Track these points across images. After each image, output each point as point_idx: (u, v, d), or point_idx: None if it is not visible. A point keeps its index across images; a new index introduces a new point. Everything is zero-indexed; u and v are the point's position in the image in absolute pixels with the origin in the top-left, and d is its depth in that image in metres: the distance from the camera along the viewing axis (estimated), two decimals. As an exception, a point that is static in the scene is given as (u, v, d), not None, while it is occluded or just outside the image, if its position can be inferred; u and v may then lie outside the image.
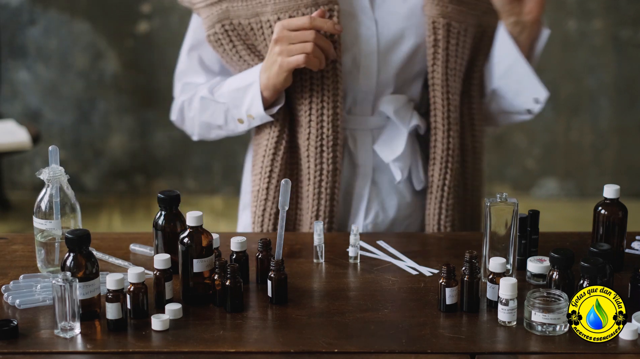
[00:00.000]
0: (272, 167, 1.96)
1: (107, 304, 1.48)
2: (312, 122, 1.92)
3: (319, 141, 1.92)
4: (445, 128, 1.94)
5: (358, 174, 1.98)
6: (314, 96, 1.91)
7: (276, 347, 1.44)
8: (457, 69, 1.94)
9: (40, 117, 4.69)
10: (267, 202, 1.97)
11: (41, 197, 1.66)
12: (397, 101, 1.93)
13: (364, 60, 1.91)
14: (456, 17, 1.91)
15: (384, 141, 1.95)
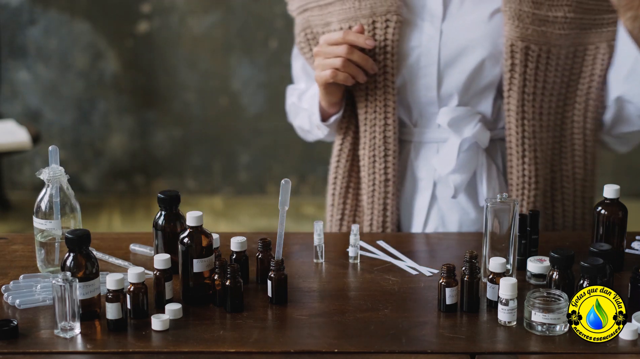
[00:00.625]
0: (336, 175, 2.02)
1: (107, 304, 1.48)
2: (367, 132, 1.94)
3: (372, 150, 1.94)
4: (519, 154, 1.89)
5: (418, 187, 1.97)
6: (369, 106, 1.93)
7: (276, 347, 1.44)
8: (538, 93, 1.88)
9: (40, 117, 4.69)
10: (333, 208, 2.03)
11: (41, 197, 1.66)
12: (456, 112, 1.89)
13: (423, 71, 1.89)
14: (536, 39, 1.85)
15: (442, 154, 1.92)
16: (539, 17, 1.85)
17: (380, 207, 1.95)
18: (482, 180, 1.93)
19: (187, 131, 4.68)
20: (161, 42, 4.60)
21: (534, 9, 1.85)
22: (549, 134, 1.93)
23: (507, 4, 1.85)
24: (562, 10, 1.86)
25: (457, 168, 1.89)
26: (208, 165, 4.74)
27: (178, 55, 4.60)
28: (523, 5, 1.84)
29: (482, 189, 1.93)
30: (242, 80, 4.57)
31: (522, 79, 1.86)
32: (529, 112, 1.88)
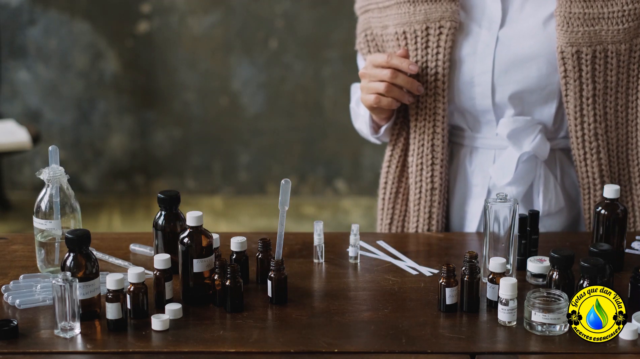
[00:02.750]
0: (387, 180, 2.02)
1: (107, 304, 1.48)
2: (416, 139, 1.93)
3: (420, 158, 1.93)
4: (581, 158, 1.87)
5: (472, 193, 1.95)
6: (419, 114, 1.92)
7: (276, 347, 1.44)
8: (599, 95, 1.85)
9: (40, 117, 4.69)
10: (382, 213, 2.03)
11: (41, 197, 1.66)
12: (516, 123, 1.86)
13: (477, 79, 1.87)
14: (588, 41, 1.80)
15: (500, 164, 1.90)
16: (592, 16, 1.80)
17: (425, 216, 1.94)
18: (538, 192, 1.91)
19: (187, 131, 4.68)
20: (161, 42, 4.60)
21: (586, 8, 1.80)
22: (618, 132, 1.89)
23: (559, 8, 1.81)
24: (618, 3, 1.80)
25: (514, 180, 1.88)
26: (208, 165, 4.74)
27: (178, 55, 4.60)
28: (573, 6, 1.80)
29: (539, 200, 1.91)
30: (242, 80, 4.57)
31: (578, 83, 1.82)
32: (589, 115, 1.85)
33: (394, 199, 2.02)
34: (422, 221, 1.94)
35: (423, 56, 1.88)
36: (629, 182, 1.92)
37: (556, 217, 1.93)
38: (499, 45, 1.85)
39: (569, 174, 1.94)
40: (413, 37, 1.88)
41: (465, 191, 1.96)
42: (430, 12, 1.86)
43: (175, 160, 4.74)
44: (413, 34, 1.88)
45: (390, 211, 2.03)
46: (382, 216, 2.04)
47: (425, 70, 1.88)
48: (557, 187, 1.91)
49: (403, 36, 1.90)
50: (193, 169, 4.74)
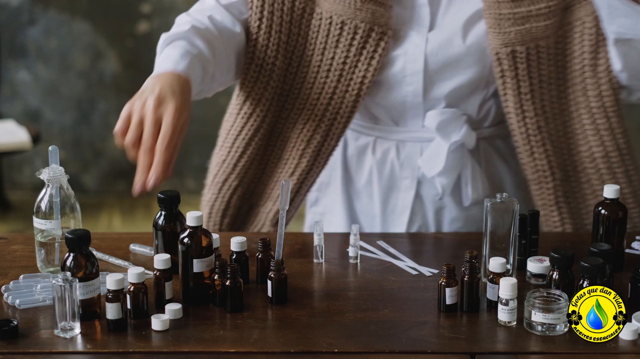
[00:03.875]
0: (245, 150, 1.94)
1: (107, 304, 1.48)
2: (320, 129, 1.90)
3: (319, 146, 1.91)
4: (528, 152, 1.88)
5: (400, 186, 1.96)
6: (332, 105, 1.88)
7: (276, 347, 1.44)
8: (535, 89, 1.86)
9: (40, 117, 4.69)
10: (230, 175, 1.96)
11: (41, 197, 1.66)
12: (443, 115, 1.88)
13: (409, 79, 1.87)
14: (521, 40, 1.82)
15: (428, 155, 1.91)
16: (521, 16, 1.82)
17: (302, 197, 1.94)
18: (467, 181, 1.93)
19: (187, 131, 4.68)
20: (161, 42, 4.60)
21: (514, 8, 1.81)
22: (556, 123, 1.91)
23: (487, 10, 1.83)
24: (543, 0, 1.83)
25: (444, 170, 1.90)
26: (208, 165, 4.74)
27: (178, 55, 4.60)
28: (502, 7, 1.81)
29: (467, 190, 1.93)
30: (242, 80, 4.58)
31: (515, 81, 1.85)
32: (530, 110, 1.87)
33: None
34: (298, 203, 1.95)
35: (355, 55, 1.85)
36: (575, 170, 1.93)
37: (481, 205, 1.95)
38: (429, 46, 1.85)
39: (492, 163, 1.97)
40: (351, 33, 1.84)
41: (392, 185, 1.97)
42: (377, 14, 1.83)
43: (175, 160, 4.74)
44: (352, 30, 1.84)
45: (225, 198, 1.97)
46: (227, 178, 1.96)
47: (352, 69, 1.86)
48: (482, 175, 1.94)
49: (339, 26, 1.85)
50: (193, 169, 4.74)
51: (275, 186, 1.96)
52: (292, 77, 1.91)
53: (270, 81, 1.89)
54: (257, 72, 1.90)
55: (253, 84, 1.91)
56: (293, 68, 1.90)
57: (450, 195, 1.94)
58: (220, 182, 1.98)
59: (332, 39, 1.85)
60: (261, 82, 1.90)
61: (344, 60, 1.85)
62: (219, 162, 1.99)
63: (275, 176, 1.97)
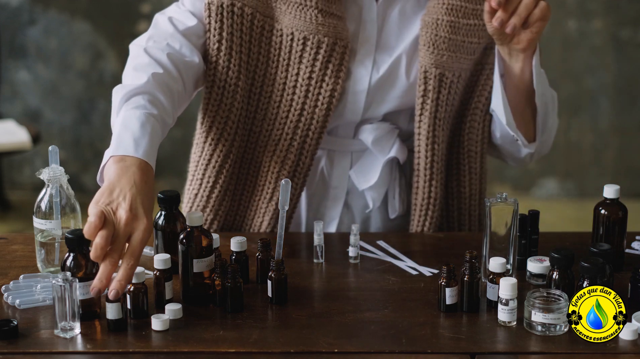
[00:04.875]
0: (217, 179, 1.89)
1: (107, 304, 1.48)
2: (293, 147, 1.85)
3: (294, 166, 1.87)
4: (427, 178, 1.88)
5: (330, 196, 1.95)
6: (302, 121, 1.85)
7: (276, 347, 1.44)
8: (446, 118, 1.87)
9: (40, 117, 4.69)
10: (204, 209, 1.91)
11: (41, 197, 1.66)
12: (378, 130, 1.88)
13: (351, 97, 1.86)
14: (450, 65, 1.82)
15: (360, 168, 1.91)
16: (455, 43, 1.82)
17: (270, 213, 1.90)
18: (394, 194, 1.94)
19: (187, 131, 4.68)
20: (161, 42, 4.60)
21: (451, 34, 1.81)
22: (447, 152, 1.93)
23: (423, 29, 1.82)
24: (477, 35, 1.83)
25: (375, 184, 1.90)
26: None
27: (178, 55, 4.60)
28: (440, 30, 1.81)
29: (395, 202, 1.94)
30: (242, 80, 4.58)
31: (434, 104, 1.84)
32: (439, 136, 1.87)
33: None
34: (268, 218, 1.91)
35: (321, 69, 1.82)
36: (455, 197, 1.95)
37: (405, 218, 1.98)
38: (375, 66, 1.85)
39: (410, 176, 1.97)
40: (314, 48, 1.81)
41: (322, 194, 1.95)
42: (338, 28, 1.80)
43: (175, 160, 4.74)
44: (315, 45, 1.81)
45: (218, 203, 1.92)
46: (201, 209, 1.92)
47: (319, 84, 1.83)
48: (408, 188, 1.96)
49: (301, 42, 1.82)
50: (193, 169, 4.74)
51: (253, 219, 1.93)
52: (256, 97, 1.87)
53: (234, 102, 1.86)
54: (220, 95, 1.87)
55: (217, 107, 1.88)
56: (256, 88, 1.87)
57: (377, 207, 1.95)
58: None
59: (295, 54, 1.83)
60: (225, 105, 1.87)
61: (309, 75, 1.83)
62: (191, 197, 1.94)
63: (252, 206, 1.92)
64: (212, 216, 1.91)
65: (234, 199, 1.92)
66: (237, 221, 1.94)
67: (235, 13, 1.81)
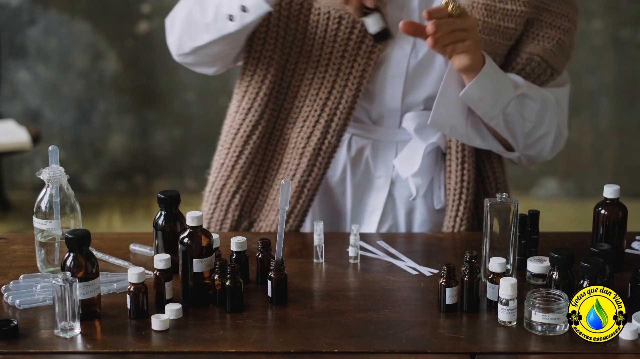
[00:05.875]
0: (243, 149, 1.93)
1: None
2: (319, 124, 1.89)
3: (320, 144, 1.89)
4: (458, 161, 1.90)
5: (374, 185, 1.96)
6: (330, 100, 1.88)
7: (276, 347, 1.44)
8: None
9: (40, 117, 4.69)
10: (228, 179, 1.95)
11: (41, 197, 1.66)
12: (421, 117, 1.89)
13: (390, 81, 1.88)
14: (483, 48, 1.82)
15: (404, 156, 1.91)
16: (490, 26, 1.83)
17: (307, 198, 1.91)
18: (439, 184, 1.94)
19: (187, 131, 4.68)
20: (161, 42, 4.58)
21: (486, 17, 1.83)
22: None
23: None
24: (513, 21, 1.84)
25: (419, 171, 1.90)
26: (208, 165, 4.73)
27: (178, 55, 4.60)
28: (475, 12, 1.83)
29: (440, 192, 1.94)
30: (242, 80, 4.57)
31: None
32: None
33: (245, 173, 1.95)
34: (302, 202, 1.91)
35: (354, 49, 1.85)
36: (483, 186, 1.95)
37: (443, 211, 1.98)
38: (414, 51, 1.86)
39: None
40: (349, 27, 1.84)
41: (366, 183, 1.96)
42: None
43: (175, 160, 4.74)
44: (350, 24, 1.84)
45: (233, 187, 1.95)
46: (226, 182, 1.95)
47: (351, 63, 1.86)
48: None
49: (337, 21, 1.85)
50: (193, 169, 4.74)
51: (275, 197, 1.94)
52: (290, 73, 1.91)
53: (267, 74, 1.90)
54: (254, 66, 1.90)
55: (250, 77, 1.92)
56: (291, 64, 1.90)
57: (423, 197, 1.94)
58: (219, 189, 1.96)
59: (330, 33, 1.85)
60: (258, 76, 1.90)
61: (342, 54, 1.86)
62: (217, 167, 1.98)
63: (275, 183, 1.95)
64: (235, 187, 1.94)
65: (259, 174, 1.95)
66: (260, 199, 1.96)
67: None
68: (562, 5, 1.88)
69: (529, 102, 1.85)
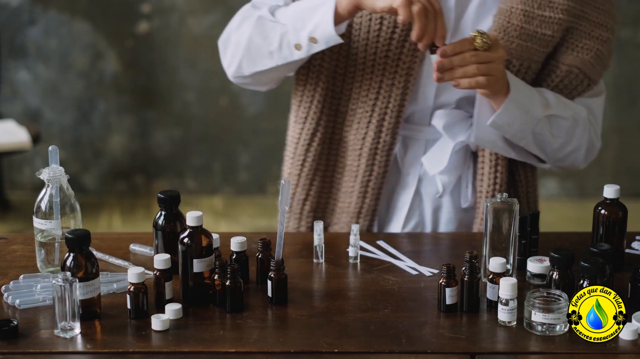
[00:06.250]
0: (306, 157, 1.96)
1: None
2: (372, 124, 1.90)
3: (375, 143, 1.91)
4: (492, 163, 1.90)
5: (402, 182, 1.96)
6: (379, 99, 1.89)
7: (276, 347, 1.44)
8: None
9: (40, 117, 4.69)
10: (296, 188, 1.97)
11: (41, 197, 1.66)
12: (450, 115, 1.89)
13: (424, 80, 1.88)
14: (519, 54, 1.84)
15: (432, 153, 1.92)
16: (528, 32, 1.83)
17: (373, 197, 1.92)
18: (467, 182, 1.94)
19: (187, 131, 4.68)
20: (161, 42, 4.60)
21: (524, 23, 1.83)
22: None
23: (497, 15, 1.84)
24: (551, 28, 1.84)
25: (447, 169, 1.90)
26: (208, 165, 4.74)
27: (178, 55, 4.60)
28: (513, 18, 1.83)
29: (467, 191, 1.94)
30: (242, 80, 4.57)
31: None
32: None
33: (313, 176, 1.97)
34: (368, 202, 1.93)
35: (397, 48, 1.86)
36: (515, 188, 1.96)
37: (474, 210, 1.98)
38: None
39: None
40: (391, 27, 1.85)
41: (396, 180, 1.97)
42: None
43: (175, 160, 4.74)
44: (392, 24, 1.85)
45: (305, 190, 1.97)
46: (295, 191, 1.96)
47: (396, 62, 1.87)
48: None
49: (378, 22, 1.85)
50: (193, 169, 4.74)
51: (344, 199, 1.95)
52: (341, 77, 1.92)
53: (319, 82, 1.92)
54: (305, 76, 1.93)
55: (303, 87, 1.94)
56: (341, 69, 1.91)
57: (450, 195, 1.94)
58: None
59: (373, 34, 1.86)
60: (310, 85, 1.92)
61: (385, 54, 1.87)
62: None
63: (342, 186, 1.96)
64: (304, 195, 1.96)
65: (325, 179, 1.97)
66: (331, 203, 1.98)
67: None
68: (601, 15, 1.87)
69: (559, 121, 1.86)
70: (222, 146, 4.69)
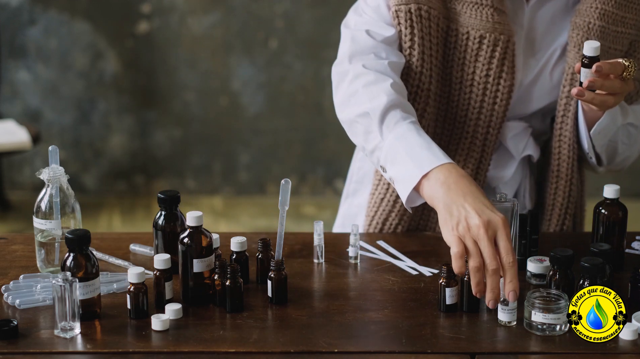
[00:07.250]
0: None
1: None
2: (474, 146, 1.87)
3: (476, 164, 1.88)
4: (568, 178, 1.89)
5: None
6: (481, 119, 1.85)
7: (276, 347, 1.44)
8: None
9: (40, 117, 4.69)
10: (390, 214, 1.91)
11: (41, 197, 1.66)
12: (514, 128, 1.88)
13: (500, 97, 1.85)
14: None
15: (495, 165, 1.90)
16: (602, 48, 1.74)
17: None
18: (525, 191, 1.94)
19: (187, 131, 4.68)
20: (161, 42, 4.60)
21: (600, 39, 1.79)
22: None
23: (574, 30, 1.81)
24: (621, 42, 1.83)
25: (509, 180, 1.91)
26: (208, 165, 4.74)
27: (178, 55, 4.60)
28: (591, 34, 1.79)
29: (525, 200, 1.94)
30: (242, 80, 4.57)
31: (577, 105, 1.83)
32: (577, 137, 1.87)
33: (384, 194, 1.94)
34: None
35: (498, 66, 1.82)
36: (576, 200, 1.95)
37: None
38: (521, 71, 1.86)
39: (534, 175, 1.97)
40: (491, 46, 1.81)
41: None
42: (509, 26, 1.80)
43: (175, 160, 4.74)
44: (492, 43, 1.81)
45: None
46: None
47: (497, 81, 1.83)
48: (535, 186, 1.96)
49: (477, 40, 1.81)
50: (193, 169, 4.74)
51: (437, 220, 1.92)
52: (445, 100, 1.87)
53: (426, 107, 1.85)
54: (412, 100, 1.84)
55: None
56: (445, 92, 1.87)
57: None
58: (380, 223, 1.92)
59: (471, 53, 1.82)
60: (417, 110, 1.83)
61: (486, 73, 1.82)
62: (377, 201, 1.92)
63: None
64: (397, 220, 1.91)
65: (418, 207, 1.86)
66: (422, 224, 1.94)
67: (422, 17, 1.80)
68: None
69: (629, 128, 1.86)
70: (222, 146, 4.68)
